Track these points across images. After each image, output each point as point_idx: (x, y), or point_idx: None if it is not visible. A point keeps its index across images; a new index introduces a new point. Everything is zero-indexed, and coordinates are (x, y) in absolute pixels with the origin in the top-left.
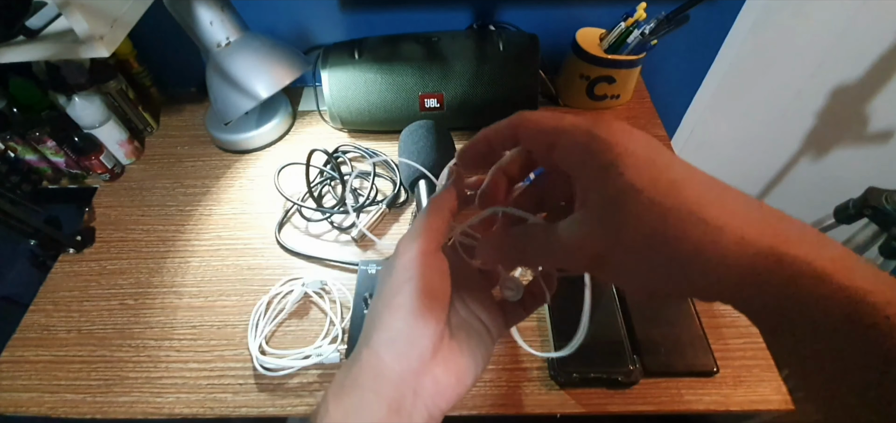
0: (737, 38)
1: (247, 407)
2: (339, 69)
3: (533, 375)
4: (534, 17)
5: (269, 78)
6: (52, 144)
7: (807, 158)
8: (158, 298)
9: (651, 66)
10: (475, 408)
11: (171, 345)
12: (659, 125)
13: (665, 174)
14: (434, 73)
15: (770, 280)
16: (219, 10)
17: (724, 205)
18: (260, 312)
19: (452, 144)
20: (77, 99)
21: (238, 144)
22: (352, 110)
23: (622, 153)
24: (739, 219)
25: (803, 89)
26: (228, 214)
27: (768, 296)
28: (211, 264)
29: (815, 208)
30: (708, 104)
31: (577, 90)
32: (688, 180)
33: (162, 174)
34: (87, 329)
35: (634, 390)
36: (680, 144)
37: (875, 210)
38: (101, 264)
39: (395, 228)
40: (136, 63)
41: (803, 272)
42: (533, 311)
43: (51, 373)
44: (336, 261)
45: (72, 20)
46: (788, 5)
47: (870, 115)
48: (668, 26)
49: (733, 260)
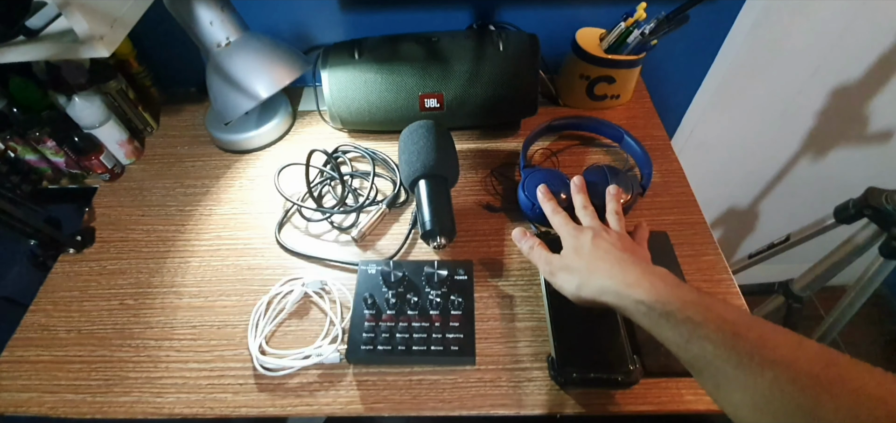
0: (737, 38)
1: (247, 407)
2: (339, 69)
3: (533, 375)
4: (534, 17)
5: (269, 78)
6: (52, 144)
7: (807, 158)
8: (158, 298)
9: (651, 66)
10: (475, 408)
11: (171, 345)
12: (659, 125)
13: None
14: (434, 73)
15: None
16: (219, 10)
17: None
18: (260, 312)
19: (452, 144)
20: (77, 99)
21: (238, 144)
22: (352, 110)
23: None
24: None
25: (803, 89)
26: (228, 214)
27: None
28: (211, 264)
29: (815, 208)
30: (708, 104)
31: (577, 90)
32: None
33: (162, 174)
34: (87, 329)
35: (634, 390)
36: (680, 144)
37: (875, 210)
38: (101, 264)
39: (396, 228)
40: (136, 63)
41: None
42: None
43: (51, 373)
44: (336, 261)
45: (72, 20)
46: (788, 5)
47: (870, 115)
48: (668, 26)
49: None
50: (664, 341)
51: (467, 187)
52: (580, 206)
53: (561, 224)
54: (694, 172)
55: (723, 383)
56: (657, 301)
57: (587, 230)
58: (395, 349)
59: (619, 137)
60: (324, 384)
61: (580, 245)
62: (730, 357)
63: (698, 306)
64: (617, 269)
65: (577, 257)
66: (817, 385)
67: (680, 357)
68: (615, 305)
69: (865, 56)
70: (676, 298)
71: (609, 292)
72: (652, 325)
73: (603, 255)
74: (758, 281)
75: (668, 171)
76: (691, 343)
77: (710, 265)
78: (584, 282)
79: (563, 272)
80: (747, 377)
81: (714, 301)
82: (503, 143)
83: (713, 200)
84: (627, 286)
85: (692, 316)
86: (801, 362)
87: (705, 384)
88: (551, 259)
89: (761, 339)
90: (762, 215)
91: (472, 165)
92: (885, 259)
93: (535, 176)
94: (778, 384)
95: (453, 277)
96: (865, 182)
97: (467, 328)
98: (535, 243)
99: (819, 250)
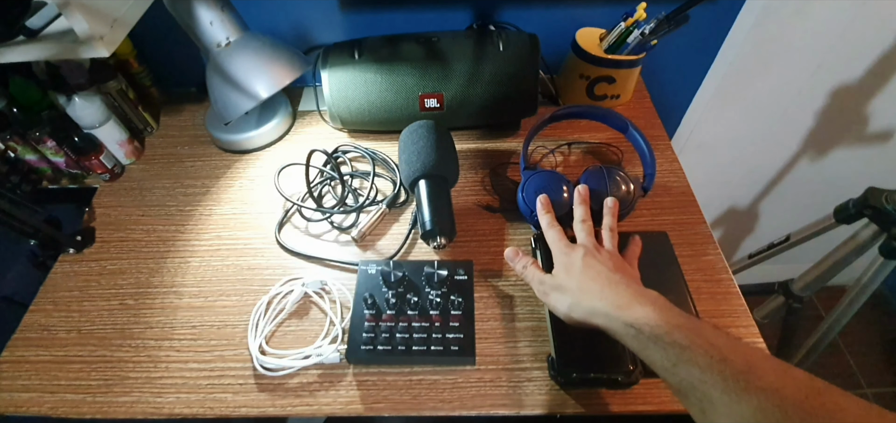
0: (737, 38)
1: (247, 407)
2: (339, 69)
3: (533, 375)
4: (534, 17)
5: (269, 78)
6: (52, 144)
7: (807, 158)
8: (158, 298)
9: (651, 67)
10: (475, 408)
11: (171, 345)
12: (659, 125)
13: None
14: (434, 73)
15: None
16: (219, 10)
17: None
18: (260, 312)
19: (452, 144)
20: (77, 99)
21: (238, 144)
22: (352, 110)
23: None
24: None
25: (803, 89)
26: (228, 214)
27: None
28: (211, 264)
29: (815, 208)
30: (708, 104)
31: (577, 90)
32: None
33: (162, 174)
34: (87, 329)
35: (634, 390)
36: (680, 144)
37: (875, 210)
38: (101, 264)
39: (395, 228)
40: (136, 63)
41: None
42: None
43: (51, 373)
44: (336, 261)
45: (72, 20)
46: (788, 5)
47: (870, 115)
48: (668, 26)
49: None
50: (651, 365)
51: (467, 187)
52: (578, 219)
53: (554, 240)
54: (694, 172)
55: (708, 408)
56: (646, 325)
57: (579, 248)
58: (395, 349)
59: (623, 126)
60: (324, 384)
61: (571, 264)
62: (716, 382)
63: (687, 330)
64: (608, 291)
65: (567, 276)
66: (802, 413)
67: (667, 381)
68: (605, 327)
69: (865, 56)
70: (665, 322)
71: (599, 313)
72: (640, 348)
73: (594, 276)
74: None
75: (668, 171)
76: (678, 367)
77: (710, 265)
78: (575, 303)
79: (555, 293)
80: (733, 402)
81: (703, 326)
82: (503, 143)
83: (713, 201)
84: (618, 309)
85: (679, 340)
86: (787, 389)
87: (691, 409)
88: (544, 279)
89: (748, 365)
90: (762, 215)
91: (472, 165)
92: (885, 259)
93: (535, 179)
94: (762, 410)
95: (453, 277)
96: (865, 182)
97: (467, 328)
98: (529, 261)
99: (819, 250)
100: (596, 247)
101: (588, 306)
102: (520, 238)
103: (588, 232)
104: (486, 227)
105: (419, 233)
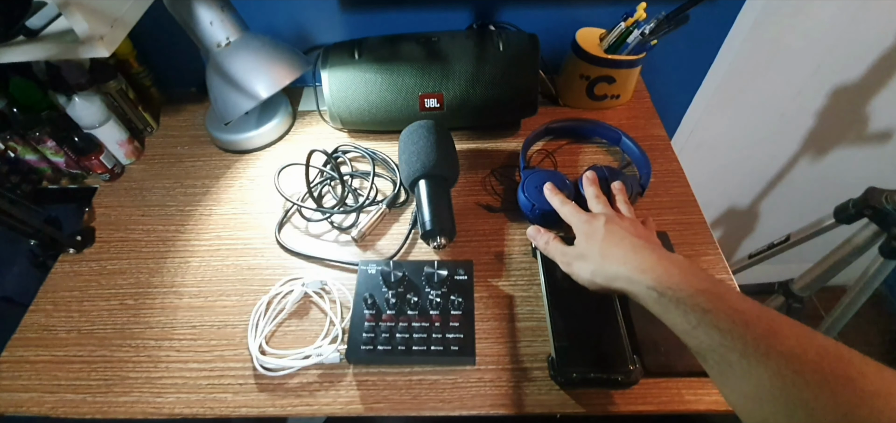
0: (737, 38)
1: (247, 407)
2: (339, 69)
3: (533, 375)
4: (534, 17)
5: (269, 78)
6: (52, 144)
7: (807, 158)
8: (158, 298)
9: (651, 66)
10: (475, 408)
11: (171, 345)
12: (659, 125)
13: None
14: (434, 73)
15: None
16: (219, 10)
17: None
18: (260, 312)
19: (452, 144)
20: (77, 99)
21: (238, 144)
22: (352, 110)
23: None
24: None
25: (803, 89)
26: (228, 214)
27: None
28: (211, 264)
29: (815, 208)
30: (708, 104)
31: (577, 90)
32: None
33: (162, 174)
34: (87, 329)
35: (634, 390)
36: (680, 144)
37: (875, 210)
38: (101, 264)
39: (395, 228)
40: (136, 63)
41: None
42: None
43: (51, 373)
44: (336, 261)
45: (72, 20)
46: (788, 5)
47: (870, 115)
48: (668, 26)
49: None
50: (672, 327)
51: (467, 187)
52: (592, 196)
53: (571, 214)
54: (694, 172)
55: (726, 370)
56: (669, 288)
57: (600, 216)
58: (395, 349)
59: (617, 138)
60: (324, 384)
61: (593, 231)
62: (735, 346)
63: (710, 294)
64: (631, 255)
65: (589, 243)
66: (820, 380)
67: (686, 342)
68: (627, 290)
69: (865, 56)
70: (689, 285)
71: (621, 277)
72: (662, 311)
73: (617, 240)
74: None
75: (668, 171)
76: (699, 329)
77: (710, 265)
78: (597, 268)
79: (579, 261)
80: (751, 365)
81: (727, 290)
82: (503, 143)
83: (713, 201)
84: (641, 272)
85: (702, 304)
86: (808, 354)
87: (710, 371)
88: (567, 251)
89: (770, 329)
90: (762, 215)
91: (472, 165)
92: (885, 259)
93: (535, 177)
94: (780, 375)
95: (453, 277)
96: (865, 182)
97: (467, 328)
98: (551, 237)
99: (819, 250)
100: (617, 214)
101: (611, 271)
102: (520, 238)
103: (605, 204)
104: (486, 227)
105: (419, 233)
